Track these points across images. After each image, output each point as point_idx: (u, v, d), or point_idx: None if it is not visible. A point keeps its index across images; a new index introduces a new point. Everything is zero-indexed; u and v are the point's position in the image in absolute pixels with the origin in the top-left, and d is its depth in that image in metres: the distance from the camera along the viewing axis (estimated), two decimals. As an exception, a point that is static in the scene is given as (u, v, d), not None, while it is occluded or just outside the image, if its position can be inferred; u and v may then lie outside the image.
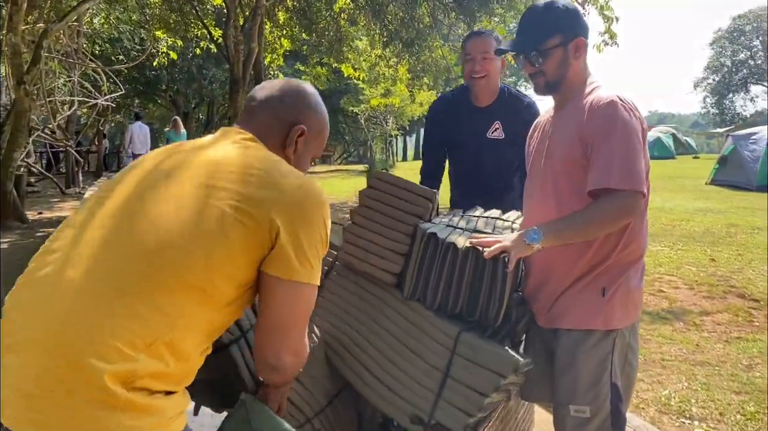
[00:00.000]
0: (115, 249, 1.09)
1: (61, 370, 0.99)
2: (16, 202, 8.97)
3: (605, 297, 1.77)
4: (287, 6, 11.35)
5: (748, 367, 3.64)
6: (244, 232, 1.12)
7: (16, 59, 8.22)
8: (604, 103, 1.72)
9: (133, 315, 1.02)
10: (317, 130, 1.41)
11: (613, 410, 1.78)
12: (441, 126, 2.85)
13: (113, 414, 0.99)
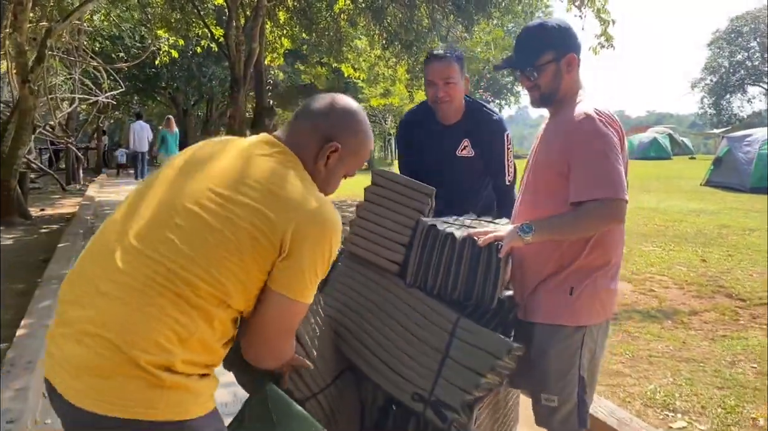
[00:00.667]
0: (151, 257, 1.23)
1: (116, 361, 1.16)
2: (20, 198, 9.09)
3: (572, 296, 1.92)
4: (288, 6, 11.46)
5: (731, 364, 3.78)
6: (258, 249, 1.24)
7: (21, 58, 8.34)
8: (581, 117, 1.86)
9: (167, 316, 1.19)
10: (353, 151, 1.45)
11: (579, 401, 1.95)
12: (411, 145, 2.84)
13: (161, 393, 1.17)
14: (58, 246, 6.79)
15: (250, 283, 1.26)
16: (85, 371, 1.17)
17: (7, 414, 2.74)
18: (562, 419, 1.96)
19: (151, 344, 1.16)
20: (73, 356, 1.19)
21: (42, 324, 4.03)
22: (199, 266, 1.21)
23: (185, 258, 1.22)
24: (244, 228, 1.23)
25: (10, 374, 3.19)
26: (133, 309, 1.18)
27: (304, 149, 1.40)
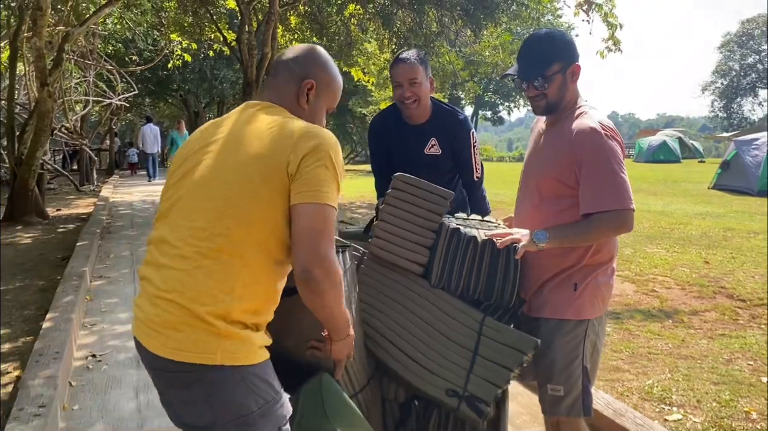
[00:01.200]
0: (190, 226, 1.46)
1: (181, 316, 1.41)
2: (37, 198, 9.32)
3: (576, 292, 2.06)
4: (299, 11, 11.65)
5: (728, 361, 3.90)
6: (274, 185, 1.44)
7: (40, 62, 8.55)
8: (588, 131, 1.98)
9: (214, 272, 1.41)
10: (326, 83, 1.65)
11: (584, 389, 2.08)
12: (382, 145, 2.99)
13: (218, 340, 1.39)
14: (77, 245, 6.99)
15: (279, 219, 1.45)
16: (161, 326, 1.42)
17: (37, 399, 2.92)
18: (568, 407, 2.08)
19: (206, 297, 1.39)
20: (150, 316, 1.44)
21: (66, 318, 4.22)
22: (230, 217, 1.42)
23: (216, 216, 1.43)
24: (255, 175, 1.44)
25: (39, 363, 3.38)
26: (187, 273, 1.42)
27: (286, 94, 1.61)
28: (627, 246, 7.43)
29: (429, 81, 2.81)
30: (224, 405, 1.41)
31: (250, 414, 1.42)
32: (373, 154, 3.11)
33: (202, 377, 1.40)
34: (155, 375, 1.52)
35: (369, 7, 9.81)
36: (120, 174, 21.33)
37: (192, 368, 1.39)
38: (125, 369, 3.74)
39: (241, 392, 1.41)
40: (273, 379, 1.50)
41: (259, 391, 1.44)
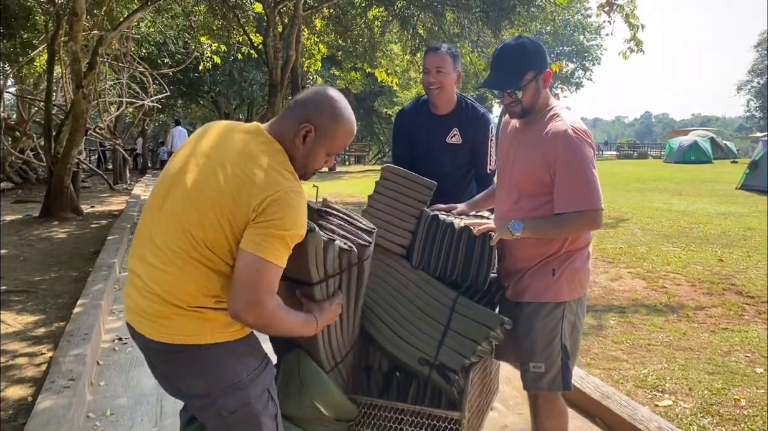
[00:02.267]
0: (174, 231, 1.59)
1: (170, 308, 1.57)
2: (72, 195, 9.75)
3: (554, 277, 2.23)
4: (323, 14, 11.91)
5: (726, 353, 4.00)
6: (236, 217, 1.55)
7: (75, 65, 8.97)
8: (561, 134, 2.11)
9: (193, 276, 1.57)
10: (327, 131, 1.66)
11: (563, 366, 2.25)
12: (406, 134, 3.20)
13: (205, 323, 1.58)
14: (108, 239, 7.35)
15: (234, 249, 1.57)
16: (153, 316, 1.58)
17: (67, 374, 3.21)
18: (548, 382, 2.25)
19: (189, 296, 1.57)
20: (143, 307, 1.60)
21: (95, 304, 4.53)
22: (202, 230, 1.56)
23: (195, 228, 1.56)
24: (225, 201, 1.55)
25: (70, 343, 3.68)
26: (171, 274, 1.57)
27: (284, 133, 1.67)
28: (642, 245, 7.49)
29: (456, 74, 3.02)
30: (218, 377, 1.59)
31: (240, 382, 1.61)
32: (396, 140, 3.33)
33: (196, 355, 1.58)
34: (151, 356, 1.68)
35: (391, 9, 10.02)
36: (153, 173, 21.95)
37: (186, 348, 1.57)
38: (148, 351, 4.01)
39: (231, 364, 1.61)
40: (258, 347, 1.70)
41: (247, 361, 1.64)
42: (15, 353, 3.93)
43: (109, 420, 3.06)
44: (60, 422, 2.69)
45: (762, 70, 45.64)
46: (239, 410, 1.61)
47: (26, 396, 3.30)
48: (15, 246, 7.44)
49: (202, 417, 1.69)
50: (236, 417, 1.61)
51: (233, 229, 1.55)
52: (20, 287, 5.54)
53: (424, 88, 3.09)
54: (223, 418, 1.61)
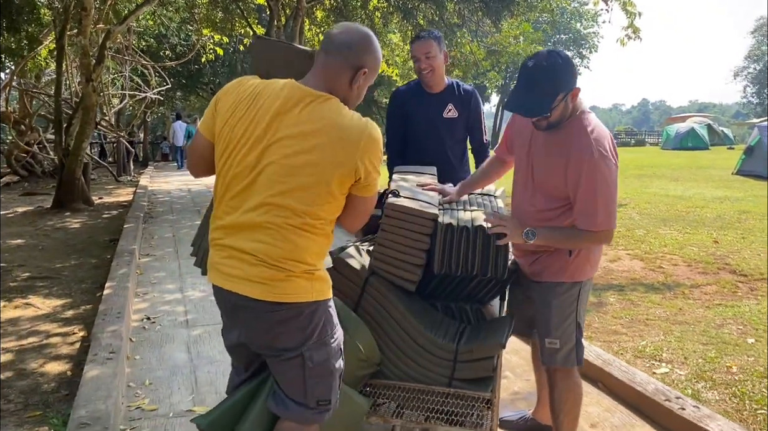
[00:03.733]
0: (271, 203, 1.70)
1: (279, 273, 1.72)
2: (83, 187, 9.96)
3: (570, 258, 2.31)
4: (325, 5, 12.08)
5: (719, 326, 4.25)
6: (335, 187, 1.72)
7: (84, 59, 9.15)
8: (586, 153, 2.12)
9: (298, 243, 1.72)
10: (373, 68, 1.80)
11: (577, 342, 2.35)
12: (401, 110, 3.47)
13: (312, 283, 1.75)
14: (124, 227, 7.59)
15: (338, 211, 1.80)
16: (266, 279, 1.71)
17: (108, 348, 3.46)
18: (563, 358, 2.34)
19: (294, 261, 1.71)
20: (250, 275, 1.72)
21: (122, 286, 4.78)
22: (301, 201, 1.69)
23: (291, 195, 1.68)
24: (325, 166, 1.69)
25: (105, 321, 3.93)
26: (273, 245, 1.70)
27: (339, 80, 1.75)
28: (640, 228, 7.74)
29: (443, 54, 3.32)
30: (314, 330, 1.77)
31: (326, 336, 1.82)
32: (390, 115, 3.58)
33: (301, 311, 1.74)
34: (249, 315, 1.77)
35: (391, 0, 10.21)
36: (154, 165, 22.14)
37: (293, 306, 1.73)
38: (176, 329, 4.27)
39: (325, 319, 1.82)
40: (334, 312, 1.92)
41: (333, 318, 1.87)
42: (48, 333, 4.17)
43: (149, 389, 3.30)
44: (109, 388, 2.93)
45: (758, 55, 45.82)
46: (322, 363, 1.81)
47: (65, 370, 3.54)
48: (32, 236, 7.67)
49: (283, 367, 1.82)
50: (318, 369, 1.80)
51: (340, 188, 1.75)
52: (44, 274, 5.78)
53: (416, 73, 3.40)
54: (308, 369, 1.79)
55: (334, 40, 1.77)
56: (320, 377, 1.82)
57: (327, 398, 1.84)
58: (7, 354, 3.76)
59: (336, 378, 1.86)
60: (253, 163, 1.70)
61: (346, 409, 2.04)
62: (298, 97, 1.71)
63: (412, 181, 2.77)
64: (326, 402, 1.84)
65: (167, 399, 3.17)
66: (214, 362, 3.65)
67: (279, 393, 1.86)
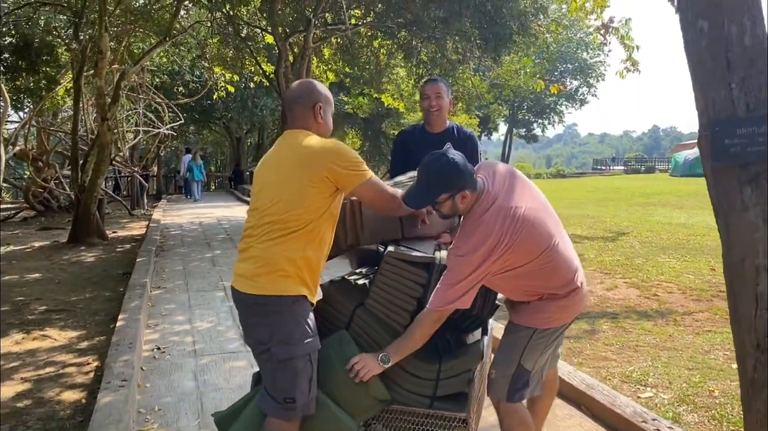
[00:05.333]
0: (267, 221, 2.25)
1: (268, 273, 2.22)
2: (98, 222, 10.29)
3: (528, 305, 2.46)
4: (332, 43, 12.51)
5: (706, 352, 4.40)
6: (315, 188, 2.20)
7: (100, 99, 9.56)
8: (462, 236, 2.35)
9: (285, 250, 2.21)
10: (326, 100, 2.40)
11: (512, 381, 2.43)
12: (405, 150, 3.74)
13: (295, 284, 2.21)
14: (137, 261, 7.86)
15: (325, 207, 2.25)
16: (253, 275, 2.21)
17: (120, 376, 3.69)
18: (495, 390, 2.47)
19: (274, 266, 2.18)
20: (245, 269, 2.25)
21: (134, 318, 5.03)
22: (284, 215, 2.19)
23: (276, 213, 2.20)
24: (303, 179, 2.20)
25: (118, 351, 4.17)
26: (267, 251, 2.20)
27: (306, 120, 2.36)
28: (639, 256, 7.90)
29: (449, 99, 3.65)
30: (277, 330, 2.21)
31: (291, 339, 2.20)
32: (394, 154, 3.91)
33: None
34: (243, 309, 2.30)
35: (395, 39, 10.60)
36: (167, 198, 22.60)
37: (274, 300, 2.21)
38: (184, 358, 4.49)
39: (289, 323, 2.21)
40: (312, 325, 2.29)
41: (302, 327, 2.24)
42: (64, 363, 4.41)
43: (158, 414, 3.52)
44: (120, 413, 3.15)
45: None
46: (285, 361, 2.17)
47: (80, 398, 3.76)
48: (48, 270, 7.96)
49: (258, 361, 2.27)
50: (281, 365, 2.17)
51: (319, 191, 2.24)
52: (60, 306, 6.03)
53: (423, 111, 3.69)
54: (273, 364, 2.18)
55: (290, 100, 2.41)
56: (284, 373, 2.17)
57: (291, 396, 2.17)
58: (26, 384, 3.99)
59: (301, 380, 2.18)
60: None
61: (333, 428, 2.25)
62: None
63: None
64: (291, 400, 2.17)
65: (175, 424, 3.38)
66: (219, 389, 3.87)
67: (262, 389, 2.25)
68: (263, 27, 12.10)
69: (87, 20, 10.44)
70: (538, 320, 2.42)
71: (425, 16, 8.73)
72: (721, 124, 1.77)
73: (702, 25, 1.72)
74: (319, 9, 10.24)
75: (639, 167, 39.13)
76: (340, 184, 2.24)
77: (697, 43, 1.77)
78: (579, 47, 35.09)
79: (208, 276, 7.52)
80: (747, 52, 1.68)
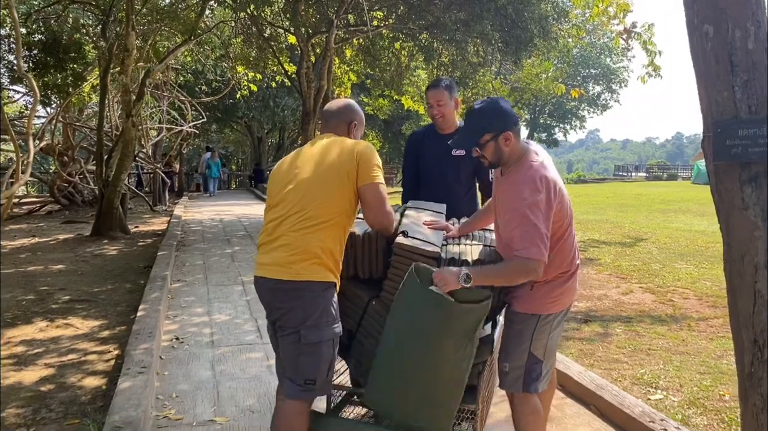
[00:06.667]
0: (293, 213, 2.38)
1: (299, 261, 2.34)
2: (121, 216, 10.49)
3: (531, 291, 2.46)
4: (353, 44, 12.62)
5: (719, 357, 4.40)
6: (344, 179, 2.38)
7: (126, 96, 9.76)
8: (517, 185, 2.36)
9: (311, 241, 2.34)
10: (361, 121, 2.67)
11: (526, 371, 2.46)
12: (417, 150, 3.80)
13: (323, 269, 2.34)
14: (158, 255, 8.03)
15: (349, 202, 2.40)
16: (288, 263, 2.33)
17: (140, 363, 3.81)
18: (510, 382, 2.48)
19: (309, 253, 2.31)
20: (277, 257, 2.36)
21: (155, 309, 5.16)
22: (316, 206, 2.34)
23: (308, 205, 2.34)
24: (333, 173, 2.39)
25: (138, 339, 4.29)
26: (298, 239, 2.33)
27: (340, 132, 2.61)
28: (656, 262, 7.87)
29: (454, 101, 3.65)
30: (310, 314, 2.34)
31: (320, 323, 2.34)
32: (406, 155, 3.95)
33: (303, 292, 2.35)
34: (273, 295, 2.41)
35: (416, 41, 10.68)
36: (189, 195, 22.91)
37: (306, 285, 2.34)
38: (202, 349, 4.60)
39: (321, 307, 2.34)
40: (337, 311, 2.42)
41: (331, 312, 2.38)
42: (86, 351, 4.54)
43: (175, 401, 3.63)
44: (139, 398, 3.26)
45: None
46: (313, 344, 2.29)
47: (101, 385, 3.88)
48: (72, 262, 8.15)
49: (283, 343, 2.37)
50: (308, 348, 2.29)
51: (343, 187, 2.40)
52: (83, 297, 6.19)
53: (430, 117, 3.73)
54: (300, 347, 2.30)
55: (332, 114, 2.66)
56: (310, 356, 2.28)
57: (312, 378, 2.30)
58: (49, 369, 4.13)
59: (323, 363, 2.29)
60: None
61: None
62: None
63: (421, 218, 3.04)
64: (312, 381, 2.29)
65: (191, 410, 3.48)
66: (235, 378, 3.97)
67: (282, 374, 2.41)
68: (286, 27, 12.25)
69: (114, 18, 10.66)
70: (541, 306, 2.46)
71: (446, 18, 8.79)
72: (724, 125, 1.82)
73: (707, 29, 1.77)
74: (341, 10, 10.34)
75: (661, 174, 38.74)
76: (356, 176, 2.38)
77: (702, 46, 1.82)
78: (602, 52, 34.88)
79: (227, 271, 7.65)
80: (750, 56, 1.73)
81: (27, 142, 7.56)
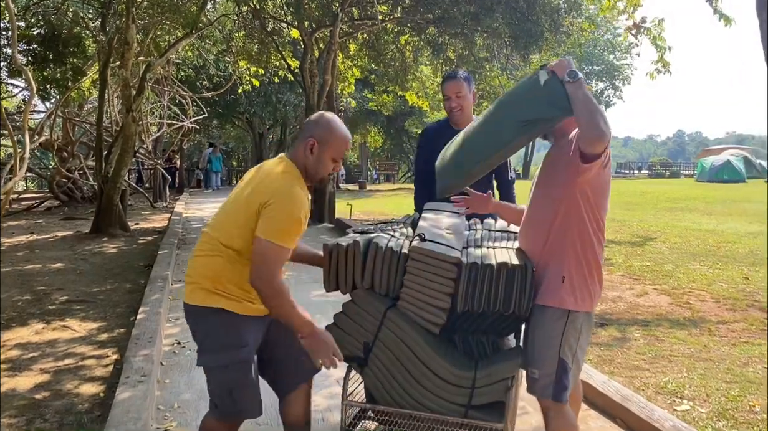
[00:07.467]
0: (208, 229, 2.30)
1: (199, 287, 2.25)
2: (121, 213, 10.30)
3: (562, 283, 2.29)
4: (358, 39, 12.40)
5: (744, 364, 4.21)
6: (248, 217, 2.15)
7: (126, 90, 9.56)
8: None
9: (208, 264, 2.24)
10: (326, 140, 2.23)
11: (557, 377, 2.28)
12: (431, 145, 3.50)
13: (214, 296, 2.21)
14: (159, 253, 7.83)
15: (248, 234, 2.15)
16: (186, 284, 2.28)
17: (139, 371, 3.61)
18: (540, 388, 2.30)
19: (201, 277, 2.23)
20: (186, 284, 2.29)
21: (155, 312, 4.96)
22: (221, 231, 2.22)
23: (217, 230, 2.23)
24: (245, 203, 2.18)
25: (137, 345, 4.10)
26: (196, 262, 2.27)
27: (297, 151, 2.27)
28: (669, 263, 7.68)
29: (472, 94, 3.47)
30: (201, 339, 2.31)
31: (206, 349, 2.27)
32: (419, 150, 3.76)
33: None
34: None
35: (422, 35, 10.46)
36: (189, 191, 22.71)
37: (201, 310, 2.25)
38: (205, 355, 4.40)
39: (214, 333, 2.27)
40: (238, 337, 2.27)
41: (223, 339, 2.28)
42: (84, 355, 4.36)
43: (177, 411, 3.43)
44: (139, 410, 3.07)
45: (797, 88, 44.97)
46: (205, 368, 2.26)
47: (98, 392, 3.70)
48: (70, 260, 7.97)
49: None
50: (205, 371, 2.27)
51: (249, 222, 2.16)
52: (81, 297, 6.01)
53: (446, 110, 3.54)
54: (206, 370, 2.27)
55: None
56: (207, 377, 2.27)
57: (215, 402, 2.26)
58: (44, 375, 3.94)
59: (218, 387, 2.23)
60: None
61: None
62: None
63: (440, 221, 2.85)
64: (213, 404, 2.27)
65: (194, 422, 3.29)
66: (240, 387, 3.76)
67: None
68: (289, 21, 12.03)
69: (114, 11, 10.46)
70: (571, 301, 2.29)
71: (455, 11, 8.57)
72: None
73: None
74: (346, 3, 10.13)
75: (663, 172, 38.51)
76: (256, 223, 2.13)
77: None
78: (606, 49, 34.62)
79: (228, 271, 7.45)
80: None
81: (24, 137, 7.36)
